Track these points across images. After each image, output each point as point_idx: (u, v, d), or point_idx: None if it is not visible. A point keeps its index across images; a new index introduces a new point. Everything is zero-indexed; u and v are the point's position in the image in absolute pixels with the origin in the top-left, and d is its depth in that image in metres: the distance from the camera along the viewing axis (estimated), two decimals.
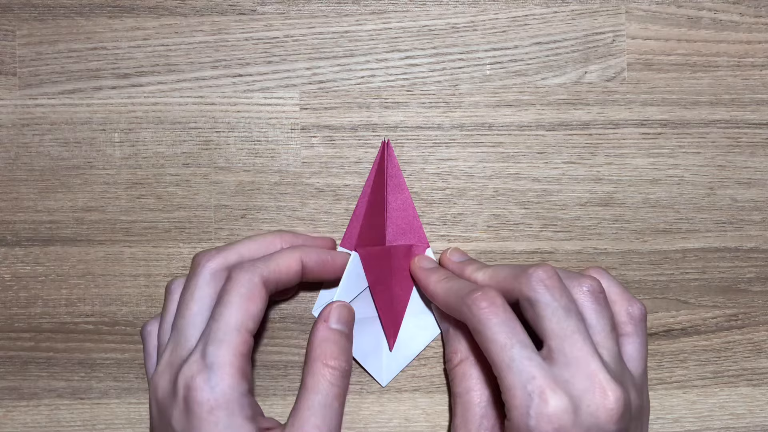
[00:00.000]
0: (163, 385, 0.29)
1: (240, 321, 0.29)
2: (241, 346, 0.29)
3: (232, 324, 0.29)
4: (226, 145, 0.35)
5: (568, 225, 0.35)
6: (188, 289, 0.30)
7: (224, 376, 0.28)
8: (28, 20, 0.35)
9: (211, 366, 0.28)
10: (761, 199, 0.35)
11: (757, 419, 0.35)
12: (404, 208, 0.34)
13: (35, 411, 0.35)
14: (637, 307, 0.31)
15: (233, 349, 0.28)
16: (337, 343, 0.31)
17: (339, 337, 0.31)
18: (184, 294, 0.30)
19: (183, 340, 0.30)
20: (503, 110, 0.35)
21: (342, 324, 0.31)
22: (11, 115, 0.35)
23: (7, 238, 0.35)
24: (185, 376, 0.28)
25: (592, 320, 0.29)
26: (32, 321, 0.35)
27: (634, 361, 0.31)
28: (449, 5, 0.35)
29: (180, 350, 0.29)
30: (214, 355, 0.28)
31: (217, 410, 0.28)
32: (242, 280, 0.29)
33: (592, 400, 0.27)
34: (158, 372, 0.29)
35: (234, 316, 0.29)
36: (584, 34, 0.35)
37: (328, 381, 0.30)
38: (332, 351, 0.30)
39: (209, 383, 0.28)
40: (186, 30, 0.35)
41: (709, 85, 0.35)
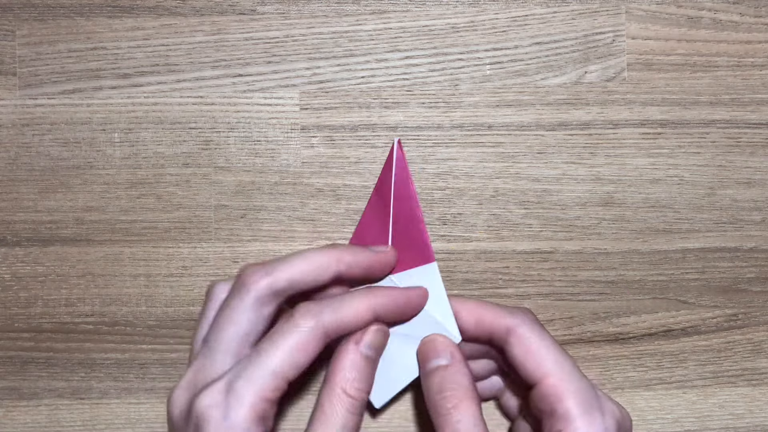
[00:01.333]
0: (180, 404, 0.28)
1: (281, 368, 0.27)
2: (271, 392, 0.27)
3: (271, 368, 0.27)
4: (226, 145, 0.35)
5: (568, 225, 0.35)
6: (228, 308, 0.29)
7: (241, 417, 0.26)
8: (28, 20, 0.35)
9: (232, 403, 0.27)
10: (761, 199, 0.35)
11: (757, 419, 0.35)
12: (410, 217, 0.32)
13: (35, 411, 0.35)
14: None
15: (262, 393, 0.27)
16: (363, 371, 0.29)
17: (366, 364, 0.29)
18: (224, 311, 0.29)
19: (210, 363, 0.28)
20: (503, 110, 0.35)
21: (373, 350, 0.30)
22: (11, 115, 0.35)
23: (7, 238, 0.35)
24: (203, 404, 0.27)
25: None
26: (32, 321, 0.35)
27: None
28: (449, 5, 0.35)
29: (206, 372, 0.28)
30: (239, 393, 0.27)
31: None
32: (301, 328, 0.28)
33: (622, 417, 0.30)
34: (179, 387, 0.28)
35: (276, 361, 0.27)
36: (584, 34, 0.35)
37: (347, 410, 0.28)
38: (357, 379, 0.29)
39: (225, 419, 0.26)
40: (186, 30, 0.35)
41: (709, 85, 0.35)
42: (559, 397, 0.28)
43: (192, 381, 0.28)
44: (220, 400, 0.27)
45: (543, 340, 0.29)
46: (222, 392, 0.27)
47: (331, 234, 0.35)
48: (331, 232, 0.35)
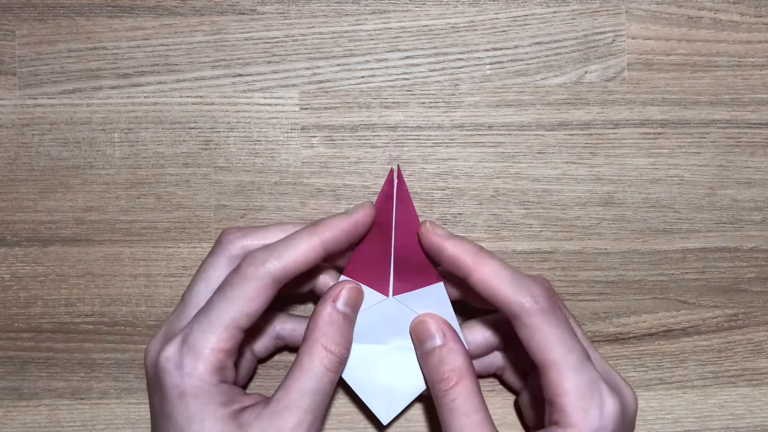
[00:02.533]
0: (152, 355, 0.29)
1: (232, 318, 0.28)
2: (224, 342, 0.28)
3: (223, 320, 0.28)
4: (226, 145, 0.35)
5: (568, 225, 0.35)
6: (204, 264, 0.31)
7: (198, 368, 0.28)
8: (28, 20, 0.35)
9: (186, 356, 0.28)
10: (761, 199, 0.35)
11: (757, 419, 0.35)
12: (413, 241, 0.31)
13: (35, 411, 0.35)
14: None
15: (216, 342, 0.28)
16: (341, 328, 0.30)
17: (344, 322, 0.30)
18: (200, 268, 0.31)
19: (180, 316, 0.30)
20: (503, 110, 0.35)
21: (349, 307, 0.31)
22: (11, 115, 0.35)
23: (7, 238, 0.35)
24: (163, 356, 0.28)
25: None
26: (32, 321, 0.35)
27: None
28: (449, 5, 0.35)
29: (175, 325, 0.30)
30: (193, 346, 0.28)
31: (187, 396, 0.28)
32: (249, 278, 0.28)
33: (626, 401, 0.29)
34: (153, 340, 0.30)
35: (228, 312, 0.28)
36: (584, 34, 0.35)
37: (325, 366, 0.29)
38: (335, 335, 0.29)
39: (181, 371, 0.28)
40: (186, 30, 0.35)
41: (709, 85, 0.35)
42: (557, 391, 0.28)
43: (165, 333, 0.30)
44: (176, 353, 0.28)
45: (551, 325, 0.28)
46: (178, 345, 0.28)
47: None
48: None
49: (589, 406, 0.28)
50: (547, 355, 0.28)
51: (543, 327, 0.28)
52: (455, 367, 0.30)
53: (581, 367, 0.28)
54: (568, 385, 0.28)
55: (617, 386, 0.29)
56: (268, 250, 0.29)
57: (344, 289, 0.31)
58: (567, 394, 0.28)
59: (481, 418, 0.29)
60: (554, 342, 0.28)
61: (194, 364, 0.28)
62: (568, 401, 0.28)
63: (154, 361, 0.29)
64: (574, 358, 0.28)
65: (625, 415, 0.29)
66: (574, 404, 0.28)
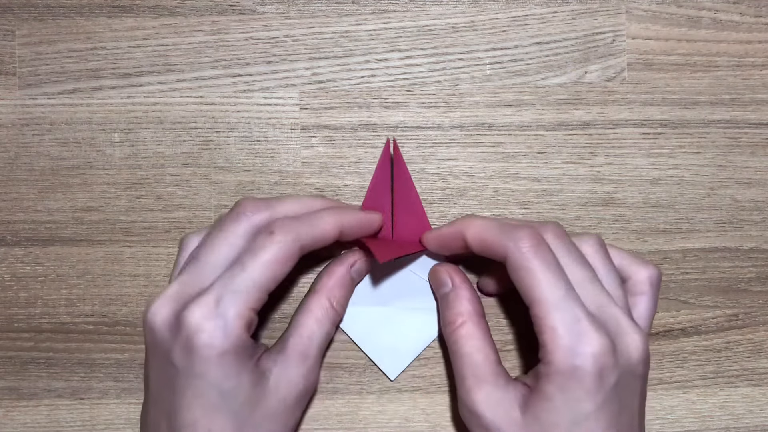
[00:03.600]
0: (164, 314, 0.29)
1: (264, 280, 0.29)
2: (256, 302, 0.29)
3: (256, 280, 0.29)
4: (226, 145, 0.35)
5: (568, 225, 0.35)
6: (222, 229, 0.30)
7: (235, 328, 0.28)
8: (28, 20, 0.35)
9: (224, 315, 0.28)
10: (761, 199, 0.35)
11: (757, 419, 0.35)
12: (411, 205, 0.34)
13: (35, 411, 0.35)
14: (653, 269, 0.32)
15: (249, 303, 0.29)
16: (347, 291, 0.33)
17: (350, 286, 0.33)
18: (218, 233, 0.30)
19: (197, 277, 0.30)
20: (503, 110, 0.35)
21: (359, 276, 0.34)
22: (11, 115, 0.35)
23: (7, 238, 0.35)
24: (195, 317, 0.28)
25: (601, 271, 0.30)
26: (32, 321, 0.35)
27: (642, 321, 0.32)
28: (449, 5, 0.35)
29: (193, 285, 0.29)
30: (230, 305, 0.28)
31: (224, 354, 0.28)
32: (281, 243, 0.29)
33: (625, 342, 0.29)
34: (162, 298, 0.29)
35: (260, 274, 0.29)
36: (584, 34, 0.35)
37: (330, 319, 0.32)
38: (341, 296, 0.33)
39: (220, 331, 0.28)
40: (186, 30, 0.35)
41: (709, 85, 0.35)
42: (540, 328, 0.28)
43: (178, 293, 0.29)
44: (211, 314, 0.28)
45: (538, 263, 0.29)
46: (212, 304, 0.29)
47: None
48: None
49: (566, 343, 0.28)
50: (531, 293, 0.29)
51: (528, 263, 0.29)
52: (461, 311, 0.32)
53: (563, 304, 0.28)
54: (548, 322, 0.28)
55: (615, 327, 0.29)
56: (299, 220, 0.30)
57: (361, 259, 0.33)
58: (546, 331, 0.28)
59: (481, 358, 0.30)
60: (537, 281, 0.29)
61: (232, 323, 0.28)
62: (547, 338, 0.28)
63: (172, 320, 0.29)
64: (556, 296, 0.28)
65: (619, 358, 0.28)
66: (553, 341, 0.28)
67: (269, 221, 0.30)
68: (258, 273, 0.29)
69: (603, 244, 0.31)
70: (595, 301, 0.29)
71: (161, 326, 0.29)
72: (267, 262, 0.29)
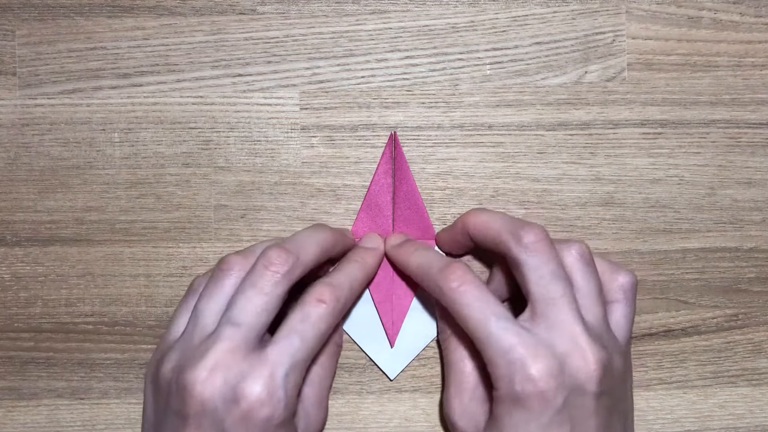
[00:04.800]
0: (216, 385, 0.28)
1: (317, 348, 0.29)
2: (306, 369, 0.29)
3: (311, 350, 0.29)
4: (226, 145, 0.35)
5: (568, 225, 0.35)
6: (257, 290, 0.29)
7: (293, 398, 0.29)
8: (28, 20, 0.35)
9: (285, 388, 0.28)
10: (761, 199, 0.35)
11: (757, 419, 0.35)
12: (411, 198, 0.34)
13: (35, 411, 0.35)
14: (627, 276, 0.32)
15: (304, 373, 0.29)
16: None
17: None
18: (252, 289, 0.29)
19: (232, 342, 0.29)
20: (503, 110, 0.35)
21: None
22: (11, 115, 0.35)
23: (7, 238, 0.35)
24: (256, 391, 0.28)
25: (580, 283, 0.30)
26: (32, 321, 0.35)
27: (620, 329, 0.31)
28: (449, 5, 0.35)
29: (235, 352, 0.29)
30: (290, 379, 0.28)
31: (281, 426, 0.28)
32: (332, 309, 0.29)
33: (573, 362, 0.28)
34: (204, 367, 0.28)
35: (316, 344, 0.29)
36: (584, 34, 0.35)
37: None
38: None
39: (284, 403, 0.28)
40: (186, 30, 0.35)
41: (709, 85, 0.35)
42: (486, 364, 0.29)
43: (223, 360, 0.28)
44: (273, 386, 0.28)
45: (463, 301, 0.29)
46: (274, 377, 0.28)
47: None
48: None
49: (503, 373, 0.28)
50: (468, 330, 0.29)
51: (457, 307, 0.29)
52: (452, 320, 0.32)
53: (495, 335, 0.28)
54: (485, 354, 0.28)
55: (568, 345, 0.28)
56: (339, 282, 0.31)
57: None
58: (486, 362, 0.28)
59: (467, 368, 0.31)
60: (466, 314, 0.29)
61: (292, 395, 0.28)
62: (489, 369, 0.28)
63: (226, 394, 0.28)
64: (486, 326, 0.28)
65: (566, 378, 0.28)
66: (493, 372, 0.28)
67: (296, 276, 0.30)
68: (314, 343, 0.29)
69: (586, 252, 0.31)
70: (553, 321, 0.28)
71: (213, 397, 0.28)
72: (321, 333, 0.29)
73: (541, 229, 0.30)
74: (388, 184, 0.34)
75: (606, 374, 0.28)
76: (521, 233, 0.29)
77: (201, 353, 0.28)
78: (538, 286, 0.29)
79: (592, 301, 0.30)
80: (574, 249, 0.30)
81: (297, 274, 0.30)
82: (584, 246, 0.31)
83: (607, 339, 0.30)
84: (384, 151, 0.34)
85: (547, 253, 0.29)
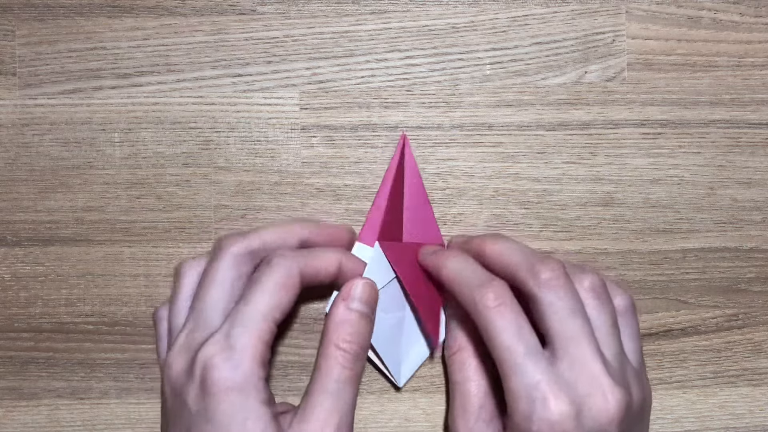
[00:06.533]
0: (178, 365, 0.29)
1: (269, 308, 0.29)
2: (265, 333, 0.28)
3: (261, 310, 0.28)
4: (226, 145, 0.35)
5: (568, 225, 0.35)
6: (210, 272, 0.30)
7: (245, 359, 0.28)
8: (28, 20, 0.35)
9: (233, 347, 0.28)
10: (761, 199, 0.35)
11: (757, 419, 0.35)
12: (420, 204, 0.34)
13: (35, 411, 0.35)
14: (623, 298, 0.32)
15: (258, 334, 0.28)
16: (354, 326, 0.30)
17: (357, 319, 0.30)
18: (206, 277, 0.30)
19: (202, 323, 0.29)
20: (503, 110, 0.35)
21: (363, 304, 0.31)
22: (11, 115, 0.35)
23: (7, 238, 0.35)
24: (205, 356, 0.28)
25: (595, 318, 0.29)
26: (32, 321, 0.35)
27: (631, 353, 0.31)
28: (449, 5, 0.35)
29: (199, 332, 0.29)
30: (238, 338, 0.28)
31: (234, 391, 0.27)
32: (281, 268, 0.29)
33: (594, 404, 0.27)
34: (174, 352, 0.29)
35: (264, 303, 0.29)
36: (584, 34, 0.35)
37: (341, 364, 0.29)
38: (346, 333, 0.30)
39: (230, 363, 0.27)
40: (186, 30, 0.35)
41: (709, 85, 0.35)
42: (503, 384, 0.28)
43: (186, 343, 0.29)
44: (224, 347, 0.28)
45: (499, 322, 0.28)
46: (221, 341, 0.28)
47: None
48: None
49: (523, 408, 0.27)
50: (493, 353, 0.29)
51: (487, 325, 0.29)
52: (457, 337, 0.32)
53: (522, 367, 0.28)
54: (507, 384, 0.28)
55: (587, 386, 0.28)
56: (295, 251, 0.30)
57: (355, 287, 0.31)
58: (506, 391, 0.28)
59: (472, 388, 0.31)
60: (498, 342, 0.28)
61: (242, 357, 0.28)
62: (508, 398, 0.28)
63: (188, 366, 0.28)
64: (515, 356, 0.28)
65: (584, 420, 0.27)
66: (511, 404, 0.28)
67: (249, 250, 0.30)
68: (262, 302, 0.29)
69: (598, 285, 0.30)
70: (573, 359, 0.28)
71: (177, 376, 0.28)
72: (269, 289, 0.29)
73: (558, 265, 0.29)
74: (398, 187, 0.34)
75: (626, 415, 0.28)
76: (538, 268, 0.29)
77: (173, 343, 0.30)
78: (557, 323, 0.28)
79: (608, 335, 0.29)
80: (587, 281, 0.30)
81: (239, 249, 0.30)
82: (597, 277, 0.30)
83: (626, 373, 0.29)
84: (394, 154, 0.34)
85: (564, 289, 0.29)
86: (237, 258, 0.30)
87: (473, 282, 0.30)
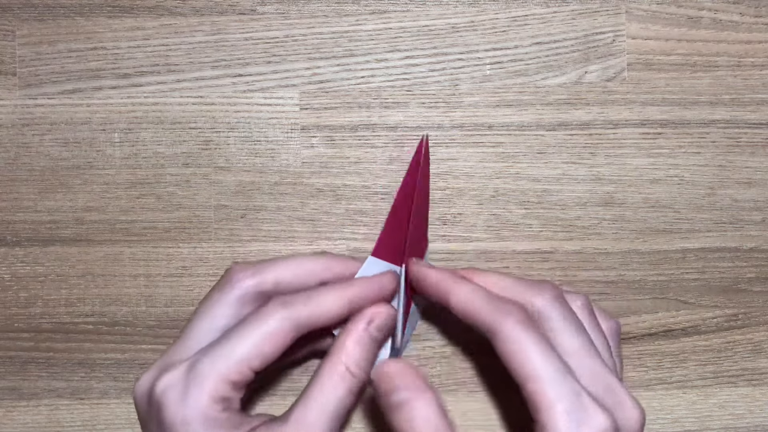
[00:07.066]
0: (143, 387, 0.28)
1: (246, 355, 0.27)
2: (234, 374, 0.27)
3: (237, 353, 0.27)
4: (226, 145, 0.35)
5: (568, 225, 0.35)
6: (208, 302, 0.29)
7: (199, 396, 0.27)
8: (28, 20, 0.35)
9: (191, 383, 0.27)
10: (761, 199, 0.35)
11: (757, 419, 0.35)
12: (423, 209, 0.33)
13: (35, 411, 0.35)
14: (613, 321, 0.32)
15: (224, 374, 0.27)
16: (368, 351, 0.29)
17: (372, 345, 0.29)
18: (203, 304, 0.30)
19: (179, 350, 0.29)
20: (503, 110, 0.35)
21: (381, 332, 0.29)
22: (11, 115, 0.35)
23: (7, 238, 0.35)
24: (162, 385, 0.27)
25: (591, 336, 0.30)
26: (32, 321, 0.35)
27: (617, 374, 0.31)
28: (449, 5, 0.35)
29: (173, 358, 0.29)
30: (200, 374, 0.27)
31: (190, 425, 0.27)
32: (274, 321, 0.28)
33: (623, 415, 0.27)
34: (146, 372, 0.29)
35: (242, 348, 0.27)
36: (584, 34, 0.35)
37: (348, 388, 0.28)
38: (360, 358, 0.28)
39: (183, 399, 0.27)
40: (186, 30, 0.35)
41: (709, 85, 0.35)
42: (537, 405, 0.27)
43: (159, 366, 0.29)
44: (180, 380, 0.27)
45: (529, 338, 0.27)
46: (183, 373, 0.27)
47: (331, 234, 0.35)
48: (331, 233, 0.35)
49: (567, 424, 0.26)
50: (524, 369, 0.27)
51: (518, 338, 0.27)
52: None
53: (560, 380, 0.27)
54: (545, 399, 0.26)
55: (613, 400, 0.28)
56: (295, 297, 0.28)
57: (380, 313, 0.29)
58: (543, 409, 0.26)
59: None
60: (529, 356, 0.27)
61: (199, 392, 0.27)
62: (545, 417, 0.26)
63: (147, 391, 0.28)
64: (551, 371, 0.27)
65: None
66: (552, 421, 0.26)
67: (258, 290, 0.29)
68: (242, 346, 0.27)
69: (587, 304, 0.30)
70: (591, 372, 0.28)
71: (140, 399, 0.28)
72: (255, 337, 0.27)
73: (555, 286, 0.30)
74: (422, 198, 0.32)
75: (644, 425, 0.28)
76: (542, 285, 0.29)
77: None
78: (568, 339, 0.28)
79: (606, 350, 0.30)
80: (579, 301, 0.30)
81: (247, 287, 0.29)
82: (586, 298, 0.31)
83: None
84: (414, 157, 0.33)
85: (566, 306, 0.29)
86: (240, 299, 0.29)
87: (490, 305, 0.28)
